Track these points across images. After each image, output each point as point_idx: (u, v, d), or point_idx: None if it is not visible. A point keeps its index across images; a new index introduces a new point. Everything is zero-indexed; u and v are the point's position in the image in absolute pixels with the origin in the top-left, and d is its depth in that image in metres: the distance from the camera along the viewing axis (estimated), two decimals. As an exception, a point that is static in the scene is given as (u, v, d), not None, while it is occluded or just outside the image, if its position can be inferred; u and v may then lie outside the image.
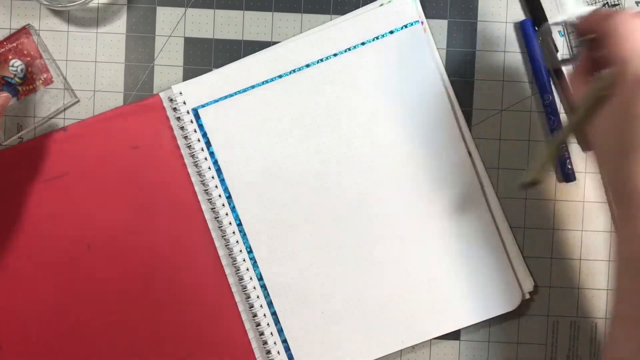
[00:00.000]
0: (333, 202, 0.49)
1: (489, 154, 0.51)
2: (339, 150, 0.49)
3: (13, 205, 0.50)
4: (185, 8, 0.51)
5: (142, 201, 0.50)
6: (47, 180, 0.50)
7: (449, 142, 0.49)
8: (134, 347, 0.50)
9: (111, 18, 0.51)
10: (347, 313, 0.49)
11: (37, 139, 0.50)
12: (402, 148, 0.49)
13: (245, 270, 0.49)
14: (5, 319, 0.50)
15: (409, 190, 0.49)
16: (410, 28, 0.49)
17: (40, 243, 0.50)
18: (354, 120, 0.49)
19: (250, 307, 0.49)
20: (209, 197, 0.49)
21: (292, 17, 0.51)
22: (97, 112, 0.51)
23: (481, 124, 0.51)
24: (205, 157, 0.49)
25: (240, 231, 0.50)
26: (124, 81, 0.51)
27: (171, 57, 0.51)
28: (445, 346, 0.51)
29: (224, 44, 0.51)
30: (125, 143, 0.50)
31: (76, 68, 0.51)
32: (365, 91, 0.49)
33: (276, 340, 0.50)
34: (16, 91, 0.50)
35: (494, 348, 0.51)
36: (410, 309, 0.49)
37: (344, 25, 0.49)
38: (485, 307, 0.49)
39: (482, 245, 0.49)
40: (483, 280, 0.49)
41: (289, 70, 0.50)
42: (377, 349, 0.50)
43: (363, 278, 0.49)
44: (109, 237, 0.50)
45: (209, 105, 0.50)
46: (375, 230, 0.49)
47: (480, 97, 0.51)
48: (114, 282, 0.50)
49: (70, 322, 0.50)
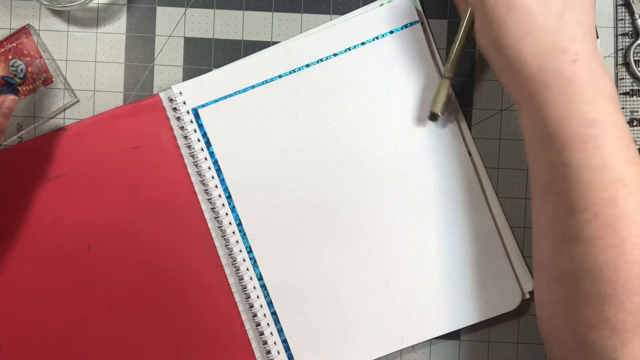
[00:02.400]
0: (333, 201, 0.49)
1: (489, 154, 0.51)
2: (339, 149, 0.49)
3: (13, 205, 0.50)
4: (185, 8, 0.51)
5: (142, 201, 0.50)
6: (47, 180, 0.50)
7: (449, 142, 0.49)
8: (133, 347, 0.50)
9: (111, 18, 0.51)
10: (347, 313, 0.49)
11: (37, 139, 0.50)
12: (402, 148, 0.49)
13: (245, 270, 0.49)
14: (5, 319, 0.50)
15: (408, 190, 0.49)
16: (410, 28, 0.49)
17: (40, 243, 0.50)
18: (353, 120, 0.49)
19: (250, 307, 0.49)
20: (209, 197, 0.49)
21: (292, 17, 0.51)
22: (97, 112, 0.51)
23: (481, 124, 0.51)
24: (205, 157, 0.49)
25: (240, 231, 0.50)
26: (124, 81, 0.51)
27: (171, 57, 0.51)
28: (445, 346, 0.51)
29: (224, 44, 0.51)
30: (125, 143, 0.50)
31: (76, 68, 0.51)
32: (365, 91, 0.49)
33: (276, 340, 0.50)
34: (16, 91, 0.50)
35: (494, 348, 0.51)
36: (410, 309, 0.49)
37: (344, 25, 0.49)
38: (485, 307, 0.49)
39: (482, 245, 0.49)
40: (483, 280, 0.49)
41: (289, 70, 0.50)
42: (377, 349, 0.50)
43: (363, 278, 0.49)
44: (109, 237, 0.50)
45: (209, 105, 0.50)
46: (375, 230, 0.49)
47: (480, 97, 0.51)
48: (113, 282, 0.50)
49: (70, 322, 0.50)
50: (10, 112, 0.45)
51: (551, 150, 0.38)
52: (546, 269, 0.40)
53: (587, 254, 0.37)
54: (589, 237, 0.37)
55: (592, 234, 0.37)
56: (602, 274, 0.36)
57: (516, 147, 0.51)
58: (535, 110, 0.39)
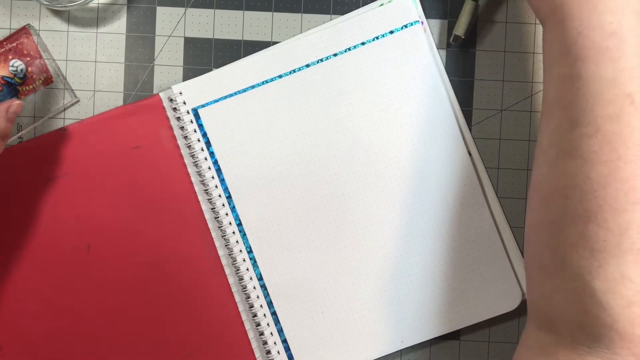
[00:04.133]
0: (333, 201, 0.49)
1: (489, 154, 0.51)
2: (339, 150, 0.49)
3: (13, 205, 0.50)
4: (185, 8, 0.51)
5: (142, 201, 0.50)
6: (47, 180, 0.50)
7: (449, 142, 0.49)
8: (133, 347, 0.50)
9: (111, 18, 0.51)
10: (347, 313, 0.50)
11: (37, 138, 0.50)
12: (401, 148, 0.49)
13: (245, 270, 0.49)
14: (5, 319, 0.50)
15: (408, 190, 0.49)
16: (410, 28, 0.49)
17: (40, 243, 0.50)
18: (353, 120, 0.49)
19: (250, 307, 0.49)
20: (209, 197, 0.49)
21: (292, 17, 0.51)
22: (97, 112, 0.51)
23: (481, 124, 0.51)
24: (205, 157, 0.49)
25: (240, 231, 0.50)
26: (124, 81, 0.51)
27: (171, 57, 0.51)
28: (445, 346, 0.51)
29: (224, 44, 0.51)
30: (125, 143, 0.50)
31: (76, 68, 0.51)
32: (365, 91, 0.49)
33: (276, 340, 0.50)
34: (16, 91, 0.50)
35: (494, 348, 0.51)
36: (410, 309, 0.49)
37: (344, 25, 0.49)
38: (485, 307, 0.49)
39: (482, 245, 0.49)
40: (483, 280, 0.49)
41: (289, 70, 0.50)
42: (377, 349, 0.50)
43: (363, 278, 0.49)
44: (109, 237, 0.50)
45: (209, 105, 0.50)
46: (376, 230, 0.49)
47: (480, 97, 0.51)
48: (113, 282, 0.50)
49: (70, 322, 0.50)
50: (15, 116, 0.45)
51: (565, 63, 0.38)
52: (538, 188, 0.40)
53: (579, 169, 0.36)
54: (585, 152, 0.36)
55: (589, 149, 0.36)
56: (591, 191, 0.36)
57: (516, 147, 0.51)
58: (557, 23, 0.38)
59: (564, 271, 0.37)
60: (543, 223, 0.39)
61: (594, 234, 0.36)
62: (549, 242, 0.38)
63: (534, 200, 0.40)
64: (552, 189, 0.38)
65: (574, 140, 0.37)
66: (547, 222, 0.38)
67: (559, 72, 0.38)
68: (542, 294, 0.39)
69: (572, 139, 0.37)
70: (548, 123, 0.39)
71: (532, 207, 0.40)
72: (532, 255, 0.40)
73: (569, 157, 0.37)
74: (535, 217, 0.40)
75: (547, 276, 0.39)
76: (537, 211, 0.40)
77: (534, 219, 0.40)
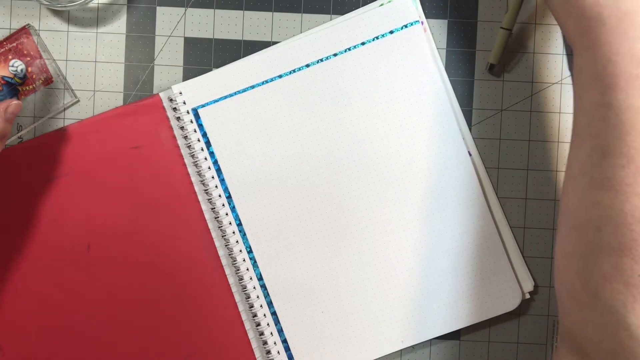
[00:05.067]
0: (333, 201, 0.49)
1: (489, 154, 0.51)
2: (339, 149, 0.49)
3: (13, 205, 0.50)
4: (185, 8, 0.51)
5: (142, 201, 0.50)
6: (47, 180, 0.50)
7: (448, 142, 0.49)
8: (133, 347, 0.50)
9: (111, 18, 0.51)
10: (347, 313, 0.50)
11: (37, 139, 0.50)
12: (401, 148, 0.49)
13: (245, 270, 0.49)
14: (6, 319, 0.50)
15: (408, 190, 0.49)
16: (410, 28, 0.49)
17: (40, 243, 0.50)
18: (353, 120, 0.49)
19: (250, 307, 0.49)
20: (209, 197, 0.49)
21: (292, 17, 0.51)
22: (97, 112, 0.51)
23: (481, 124, 0.51)
24: (205, 157, 0.49)
25: (240, 231, 0.50)
26: (124, 81, 0.51)
27: (171, 57, 0.51)
28: (445, 346, 0.51)
29: (224, 44, 0.51)
30: (125, 143, 0.50)
31: (76, 68, 0.51)
32: (365, 91, 0.49)
33: (276, 340, 0.50)
34: (16, 91, 0.50)
35: (494, 348, 0.51)
36: (410, 309, 0.49)
37: (344, 25, 0.49)
38: (485, 307, 0.49)
39: (482, 245, 0.49)
40: (483, 280, 0.49)
41: (289, 70, 0.50)
42: (377, 349, 0.50)
43: (363, 278, 0.49)
44: (109, 237, 0.50)
45: (208, 105, 0.50)
46: (376, 230, 0.49)
47: (480, 97, 0.51)
48: (113, 282, 0.50)
49: (70, 322, 0.50)
50: (14, 117, 0.45)
51: (595, 90, 0.37)
52: (569, 216, 0.39)
53: (613, 201, 0.35)
54: (619, 183, 0.35)
55: (622, 180, 0.35)
56: (625, 224, 0.35)
57: (516, 147, 0.51)
58: (586, 48, 0.38)
59: (597, 303, 0.36)
60: (574, 253, 0.38)
61: (629, 267, 0.35)
62: (581, 272, 0.37)
63: (564, 228, 0.39)
64: (584, 219, 0.37)
65: (606, 170, 0.36)
66: (578, 252, 0.38)
67: (590, 99, 0.38)
68: (574, 322, 0.39)
69: (605, 168, 0.36)
70: (579, 150, 0.38)
71: (562, 234, 0.40)
72: (563, 282, 0.40)
73: (601, 188, 0.36)
74: (566, 245, 0.39)
75: (579, 306, 0.38)
76: (567, 240, 0.39)
77: (565, 246, 0.39)
